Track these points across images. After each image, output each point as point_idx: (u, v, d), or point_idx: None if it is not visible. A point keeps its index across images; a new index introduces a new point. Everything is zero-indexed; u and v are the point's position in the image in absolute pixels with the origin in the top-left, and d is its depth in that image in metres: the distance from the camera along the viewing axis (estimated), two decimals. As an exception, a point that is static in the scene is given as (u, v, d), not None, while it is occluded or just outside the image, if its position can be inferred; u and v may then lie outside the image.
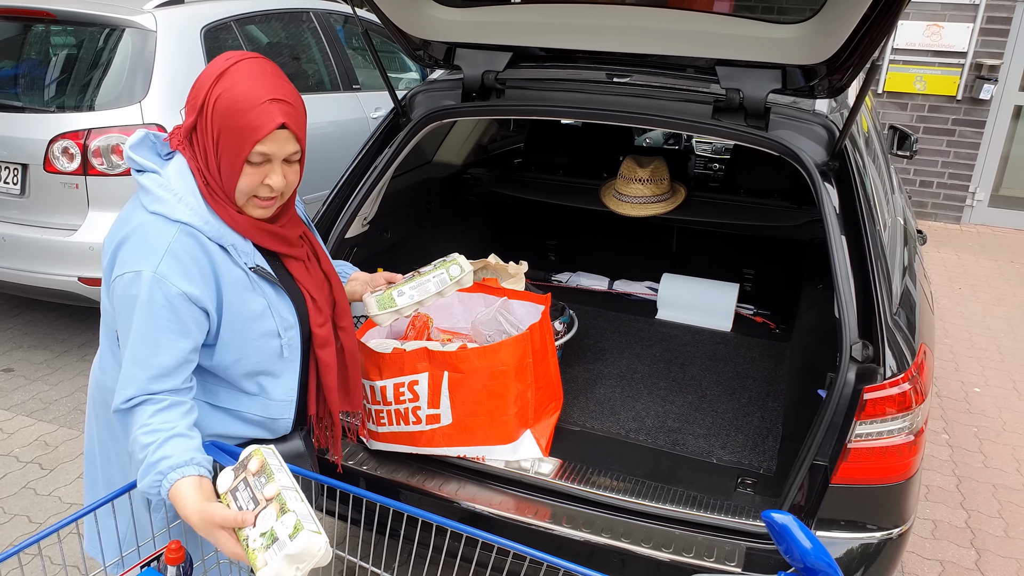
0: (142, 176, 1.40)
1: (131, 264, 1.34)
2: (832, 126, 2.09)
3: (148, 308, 1.33)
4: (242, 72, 1.35)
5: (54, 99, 3.68)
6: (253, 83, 1.35)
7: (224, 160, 1.37)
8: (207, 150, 1.38)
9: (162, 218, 1.36)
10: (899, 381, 1.76)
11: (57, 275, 3.59)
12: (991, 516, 2.97)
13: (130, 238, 1.36)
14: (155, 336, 1.34)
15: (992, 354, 4.36)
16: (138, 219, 1.37)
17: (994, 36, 6.32)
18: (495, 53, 2.34)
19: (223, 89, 1.34)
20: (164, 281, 1.33)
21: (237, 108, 1.33)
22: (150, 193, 1.37)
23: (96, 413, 1.62)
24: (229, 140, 1.35)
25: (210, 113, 1.35)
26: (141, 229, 1.36)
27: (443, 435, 2.06)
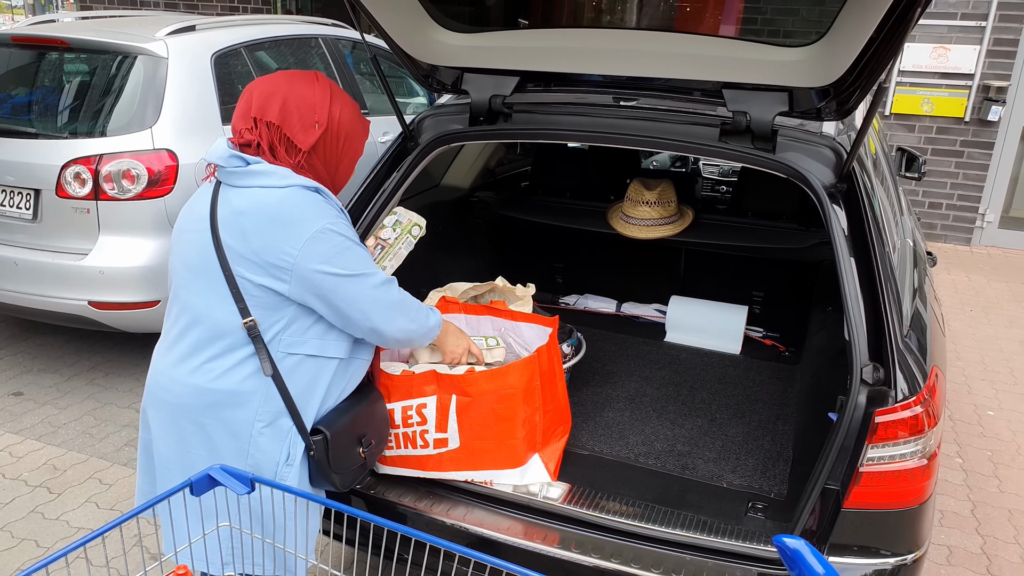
0: (256, 166, 1.62)
1: (306, 228, 1.58)
2: (840, 148, 2.08)
3: (351, 249, 1.64)
4: (339, 90, 1.73)
5: (67, 125, 3.73)
6: (350, 101, 1.74)
7: (347, 158, 1.75)
8: (330, 155, 1.71)
9: (300, 187, 1.62)
10: (911, 404, 1.74)
11: (68, 299, 3.61)
12: (1007, 542, 2.92)
13: (281, 211, 1.58)
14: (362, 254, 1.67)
15: (1005, 377, 4.31)
16: (277, 196, 1.59)
17: (1001, 58, 6.33)
18: (502, 77, 2.35)
19: (340, 107, 1.70)
20: (339, 224, 1.63)
21: (354, 119, 1.73)
22: (274, 174, 1.61)
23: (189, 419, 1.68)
24: (354, 141, 1.75)
25: (337, 126, 1.69)
26: (291, 199, 1.60)
27: (451, 459, 2.05)
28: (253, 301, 1.62)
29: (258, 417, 1.66)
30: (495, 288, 2.64)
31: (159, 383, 1.72)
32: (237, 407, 1.65)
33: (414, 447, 2.04)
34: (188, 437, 1.69)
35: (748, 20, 2.29)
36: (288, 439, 1.69)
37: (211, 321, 1.65)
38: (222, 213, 1.63)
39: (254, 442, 1.67)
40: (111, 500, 3.00)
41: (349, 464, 1.79)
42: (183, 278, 1.70)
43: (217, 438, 1.67)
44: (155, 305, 3.65)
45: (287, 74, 1.70)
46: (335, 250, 1.61)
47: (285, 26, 4.64)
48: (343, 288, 1.63)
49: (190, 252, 1.68)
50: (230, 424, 1.66)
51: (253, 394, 1.65)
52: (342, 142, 1.72)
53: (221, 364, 1.65)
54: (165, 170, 3.61)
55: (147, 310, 3.64)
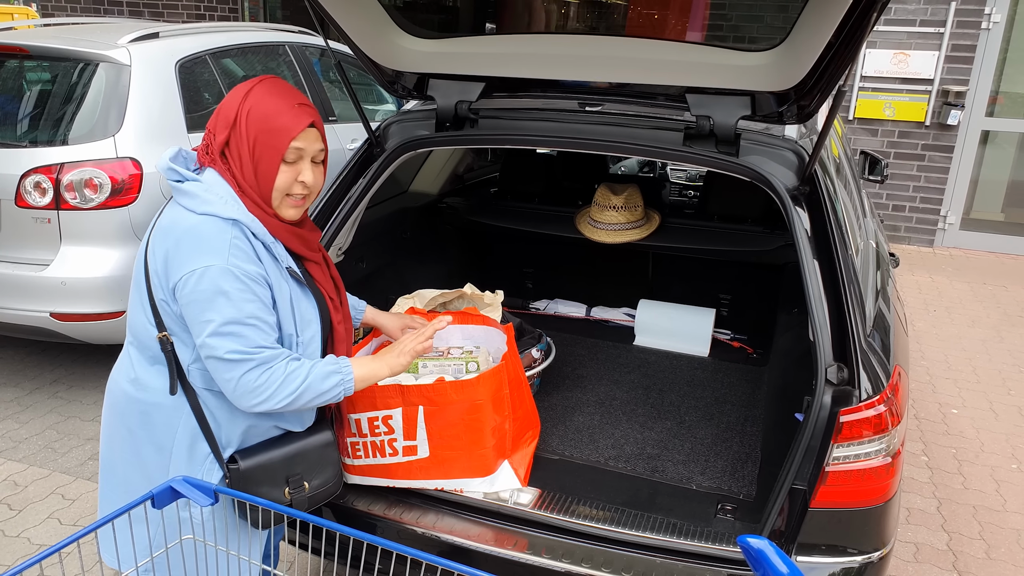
0: (185, 184, 1.54)
1: (198, 262, 1.48)
2: (802, 151, 2.11)
3: (228, 295, 1.48)
4: (266, 87, 1.57)
5: (27, 134, 3.66)
6: (280, 93, 1.57)
7: (262, 163, 1.55)
8: (242, 158, 1.55)
9: (215, 218, 1.51)
10: (874, 403, 1.77)
11: (29, 311, 3.53)
12: (972, 538, 2.97)
13: (186, 239, 1.50)
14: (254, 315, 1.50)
15: (968, 375, 4.39)
16: (189, 221, 1.51)
17: (959, 63, 6.47)
18: (468, 83, 2.36)
19: (253, 103, 1.54)
20: (236, 268, 1.48)
21: (270, 114, 1.54)
22: (197, 197, 1.52)
23: (124, 424, 1.66)
24: (267, 142, 1.54)
25: (244, 124, 1.54)
26: (196, 229, 1.50)
27: (420, 467, 2.03)
28: (167, 319, 1.58)
29: (177, 437, 1.62)
30: (464, 295, 2.63)
31: (108, 386, 1.73)
32: (160, 421, 1.62)
33: (382, 455, 2.02)
34: (119, 444, 1.68)
35: (711, 25, 2.31)
36: (204, 466, 1.63)
37: (136, 332, 1.65)
38: (158, 225, 1.60)
39: (174, 461, 1.63)
40: (74, 516, 2.94)
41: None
42: (131, 289, 1.69)
43: (144, 450, 1.65)
44: (119, 316, 3.58)
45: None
46: (202, 294, 1.48)
47: (251, 33, 4.60)
48: (198, 335, 1.51)
49: (135, 265, 1.67)
50: (154, 437, 1.63)
51: (170, 410, 1.62)
52: (253, 139, 1.54)
53: (147, 374, 1.64)
54: (129, 179, 3.55)
55: (111, 321, 3.57)
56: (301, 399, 1.56)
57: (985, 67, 6.52)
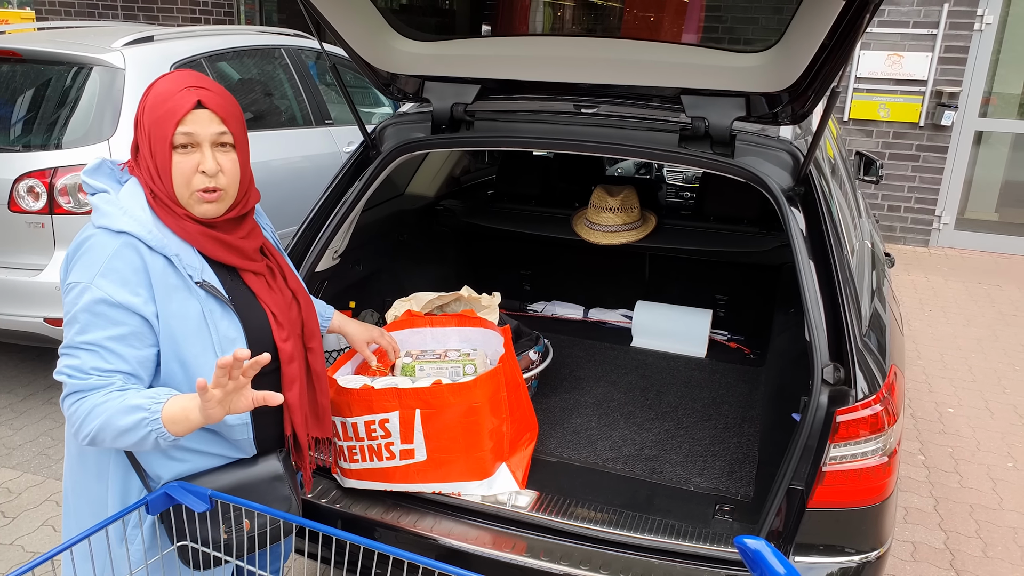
0: (93, 197, 1.46)
1: (75, 276, 1.40)
2: (797, 152, 2.12)
3: (80, 315, 1.38)
4: (164, 78, 1.46)
5: (20, 138, 3.65)
6: (171, 80, 1.45)
7: (157, 155, 1.42)
8: (146, 155, 1.44)
9: (106, 231, 1.41)
10: (871, 403, 1.77)
11: (22, 316, 3.51)
12: (969, 536, 2.98)
13: (76, 252, 1.43)
14: (97, 342, 1.38)
15: (964, 374, 4.41)
16: (85, 234, 1.44)
17: (953, 64, 6.50)
18: (463, 86, 2.36)
19: (148, 95, 1.44)
20: (99, 290, 1.37)
21: (158, 101, 1.42)
22: (98, 210, 1.44)
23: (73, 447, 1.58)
24: (156, 131, 1.42)
25: (142, 119, 1.44)
26: (87, 243, 1.42)
27: (417, 471, 2.03)
28: None
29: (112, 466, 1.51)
30: (461, 297, 2.63)
31: None
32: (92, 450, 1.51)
33: (379, 459, 2.02)
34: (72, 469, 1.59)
35: (706, 27, 2.32)
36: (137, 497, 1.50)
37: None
38: None
39: (111, 492, 1.51)
40: (70, 521, 2.93)
41: (204, 541, 1.48)
42: None
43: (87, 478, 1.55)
44: (114, 320, 3.57)
45: None
46: (66, 307, 1.41)
47: (246, 37, 4.59)
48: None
49: None
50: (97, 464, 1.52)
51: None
52: (148, 136, 1.42)
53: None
54: (123, 183, 3.54)
55: (106, 326, 3.56)
56: (103, 437, 1.36)
57: (978, 68, 6.55)
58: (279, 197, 4.39)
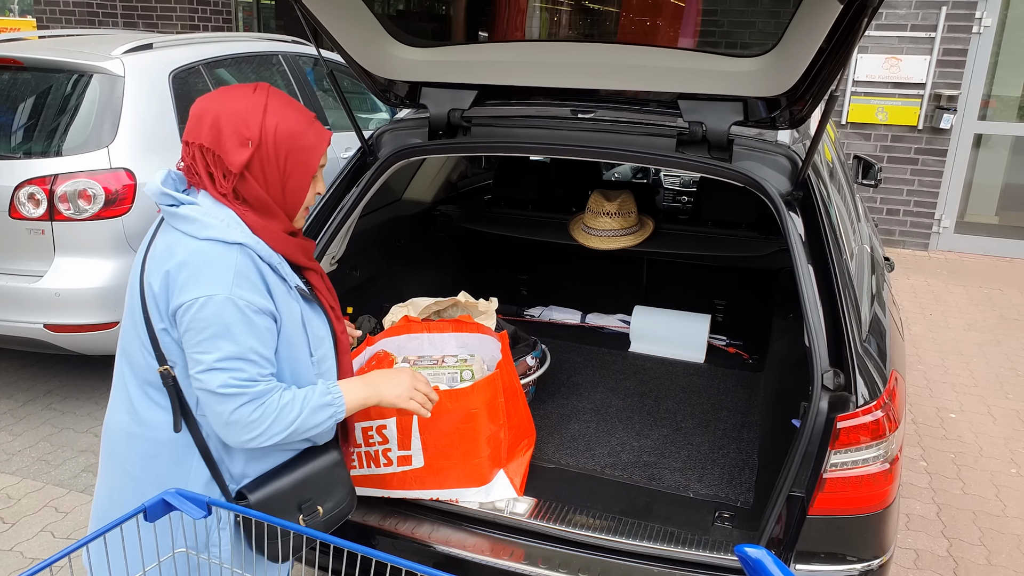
0: (182, 208, 1.46)
1: (204, 289, 1.41)
2: (795, 156, 2.11)
3: (229, 328, 1.41)
4: (280, 101, 1.51)
5: (21, 145, 3.65)
6: (295, 109, 1.52)
7: (291, 180, 1.51)
8: (270, 175, 1.49)
9: (218, 242, 1.43)
10: (871, 409, 1.76)
11: (22, 322, 3.51)
12: (973, 544, 2.96)
13: (188, 265, 1.42)
14: (254, 349, 1.44)
15: (966, 379, 4.39)
16: (190, 247, 1.44)
17: (951, 67, 6.50)
18: (460, 91, 2.35)
19: (277, 119, 1.48)
20: (240, 299, 1.41)
21: (298, 132, 1.50)
22: (197, 222, 1.45)
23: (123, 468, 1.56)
24: (299, 159, 1.50)
25: (272, 143, 1.47)
26: (200, 255, 1.43)
27: (415, 477, 2.02)
28: (167, 349, 1.49)
29: (190, 473, 1.53)
30: (458, 303, 2.63)
31: (105, 428, 1.62)
32: (166, 458, 1.53)
33: (377, 466, 2.01)
34: (119, 491, 1.58)
35: (703, 31, 2.31)
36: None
37: (135, 364, 1.54)
38: (152, 251, 1.51)
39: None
40: (67, 529, 2.91)
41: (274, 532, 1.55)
42: (124, 317, 1.58)
43: (146, 491, 1.51)
44: (114, 327, 3.56)
45: (223, 89, 1.53)
46: (201, 323, 1.41)
47: (244, 43, 4.60)
48: (191, 367, 1.45)
49: (128, 291, 1.56)
50: (158, 477, 1.53)
51: (180, 447, 1.53)
52: (283, 158, 1.49)
53: (149, 410, 1.53)
54: (122, 189, 3.54)
55: (105, 332, 3.56)
56: (295, 435, 1.50)
57: (977, 71, 6.55)
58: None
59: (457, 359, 2.33)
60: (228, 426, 1.45)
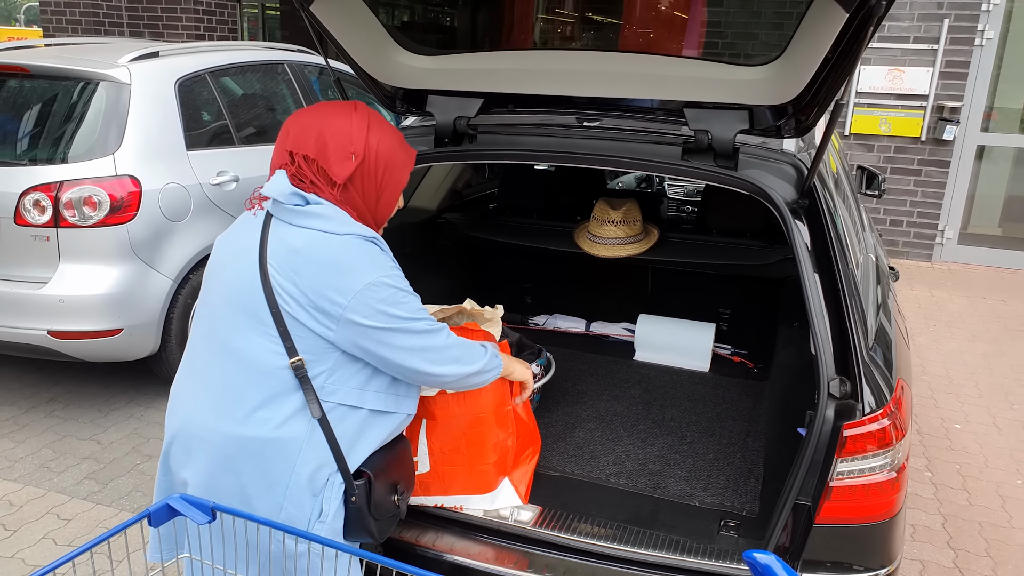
0: (314, 208, 1.56)
1: (371, 274, 1.53)
2: (801, 164, 2.11)
3: (404, 300, 1.56)
4: (379, 120, 1.65)
5: (26, 152, 3.66)
6: (392, 129, 1.67)
7: (385, 193, 1.66)
8: (368, 188, 1.63)
9: (358, 236, 1.57)
10: (878, 417, 1.75)
11: (26, 329, 3.52)
12: (978, 555, 2.95)
13: (345, 256, 1.53)
14: (413, 303, 1.59)
15: (970, 390, 4.38)
16: (337, 240, 1.54)
17: (954, 79, 6.52)
18: (467, 99, 2.36)
19: (378, 137, 1.62)
20: (393, 275, 1.57)
21: (395, 148, 1.65)
22: (333, 219, 1.56)
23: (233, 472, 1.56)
24: (394, 174, 1.66)
25: (374, 159, 1.61)
26: (351, 246, 1.55)
27: (420, 483, 2.01)
28: (301, 343, 1.54)
29: (296, 469, 1.55)
30: (463, 310, 2.62)
31: (194, 433, 1.60)
32: (277, 457, 1.55)
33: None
34: (222, 488, 1.58)
35: (708, 40, 2.32)
36: (323, 494, 1.58)
37: (254, 362, 1.55)
38: (274, 248, 1.56)
39: (290, 495, 1.56)
40: (69, 536, 2.91)
41: (386, 511, 1.68)
42: (222, 315, 1.59)
43: (251, 490, 1.56)
44: (118, 333, 3.57)
45: (324, 105, 1.64)
46: (386, 302, 1.54)
47: (250, 52, 4.62)
48: (389, 337, 1.56)
49: (234, 286, 1.58)
50: (268, 475, 1.55)
51: (294, 441, 1.55)
52: (381, 173, 1.63)
53: (264, 411, 1.55)
54: (127, 196, 3.56)
55: (109, 339, 3.56)
56: (472, 377, 1.73)
57: (979, 83, 6.57)
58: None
59: None
60: (440, 358, 1.63)
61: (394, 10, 2.48)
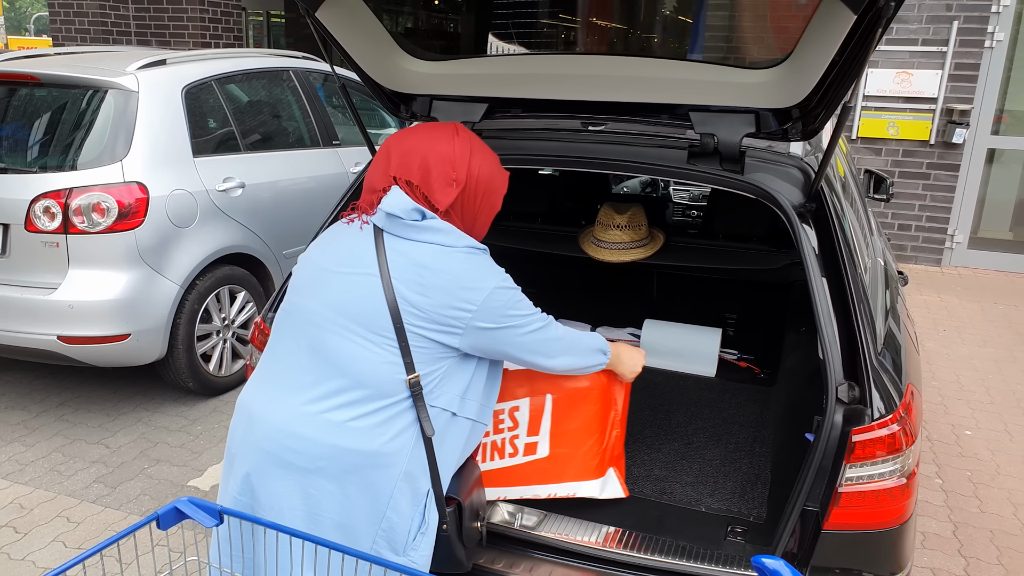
0: (433, 222, 1.60)
1: (491, 280, 1.59)
2: (808, 168, 2.10)
3: (520, 300, 1.64)
4: (479, 145, 1.70)
5: (36, 160, 3.69)
6: (491, 154, 1.72)
7: (483, 216, 1.71)
8: (467, 212, 1.68)
9: (474, 248, 1.62)
10: (887, 422, 1.74)
11: (36, 334, 3.54)
12: (990, 563, 2.92)
13: (464, 270, 1.57)
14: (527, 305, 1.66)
15: (981, 396, 4.34)
16: (459, 252, 1.59)
17: (963, 82, 6.48)
18: (471, 104, 2.36)
19: (479, 163, 1.67)
20: (509, 280, 1.63)
21: (493, 174, 1.70)
22: (451, 233, 1.60)
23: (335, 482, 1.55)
24: (491, 199, 1.71)
25: (475, 183, 1.66)
26: (471, 256, 1.60)
27: (537, 470, 2.02)
28: (419, 355, 1.55)
29: (401, 477, 1.55)
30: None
31: (284, 430, 1.56)
32: (383, 467, 1.54)
33: (501, 456, 1.99)
34: (319, 499, 1.55)
35: (714, 43, 2.31)
36: (424, 503, 1.59)
37: (366, 373, 1.54)
38: (396, 263, 1.56)
39: (393, 503, 1.55)
40: (79, 539, 2.91)
41: (472, 539, 1.69)
42: (330, 322, 1.57)
43: (355, 497, 1.55)
44: (126, 339, 3.58)
45: (426, 127, 1.66)
46: (507, 306, 1.60)
47: (256, 59, 4.64)
48: (511, 336, 1.63)
49: (348, 296, 1.57)
50: (372, 485, 1.55)
51: (399, 453, 1.55)
52: (480, 198, 1.68)
53: (371, 421, 1.54)
54: (135, 203, 3.57)
55: (118, 344, 3.58)
56: (582, 363, 1.81)
57: (989, 86, 6.53)
58: (287, 217, 4.41)
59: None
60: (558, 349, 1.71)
61: (399, 16, 2.49)
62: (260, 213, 4.23)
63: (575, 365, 1.79)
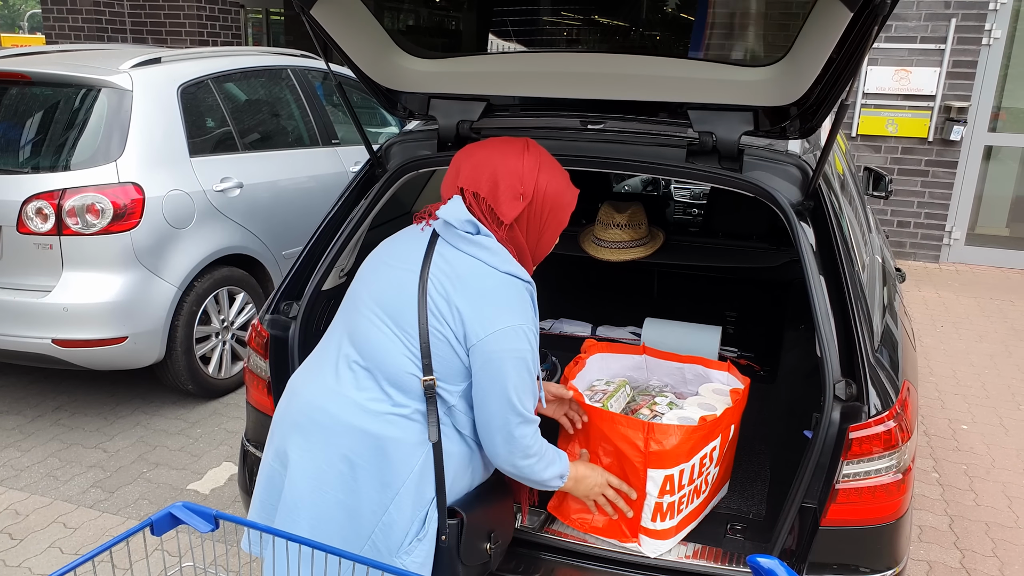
0: (483, 239, 1.59)
1: (511, 319, 1.54)
2: (806, 166, 2.10)
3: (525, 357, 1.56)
4: (548, 160, 1.69)
5: (28, 160, 3.67)
6: (560, 169, 1.71)
7: (550, 230, 1.70)
8: (532, 227, 1.66)
9: (516, 278, 1.59)
10: (884, 419, 1.74)
11: (30, 338, 3.52)
12: (985, 555, 2.92)
13: (494, 294, 1.55)
14: (531, 381, 1.59)
15: (977, 391, 4.35)
16: (495, 277, 1.57)
17: (961, 79, 6.49)
18: (469, 103, 2.35)
19: (547, 179, 1.66)
20: (534, 330, 1.58)
21: (561, 191, 1.68)
22: (499, 255, 1.59)
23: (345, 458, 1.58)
24: (557, 216, 1.69)
25: (541, 200, 1.65)
26: (505, 286, 1.57)
27: (707, 499, 2.09)
28: (439, 362, 1.56)
29: (412, 477, 1.56)
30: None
31: (312, 403, 1.61)
32: (397, 456, 1.56)
33: (698, 497, 2.01)
34: (330, 477, 1.58)
35: (712, 40, 2.31)
36: (427, 510, 1.59)
37: (388, 367, 1.58)
38: (437, 266, 1.59)
39: (398, 500, 1.56)
40: (75, 544, 2.91)
41: (475, 559, 1.66)
42: (369, 310, 1.62)
43: (364, 483, 1.56)
44: (122, 342, 3.57)
45: (496, 142, 1.68)
46: (514, 353, 1.55)
47: (253, 57, 4.63)
48: (494, 389, 1.56)
49: (387, 288, 1.61)
50: (384, 473, 1.56)
51: (412, 453, 1.56)
52: (547, 214, 1.67)
53: (388, 408, 1.57)
54: (131, 204, 3.56)
55: (114, 347, 3.56)
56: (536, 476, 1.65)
57: (987, 83, 6.54)
58: (286, 216, 4.40)
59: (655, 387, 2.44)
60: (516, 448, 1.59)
61: (396, 13, 2.48)
62: (258, 213, 4.22)
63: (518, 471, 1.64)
